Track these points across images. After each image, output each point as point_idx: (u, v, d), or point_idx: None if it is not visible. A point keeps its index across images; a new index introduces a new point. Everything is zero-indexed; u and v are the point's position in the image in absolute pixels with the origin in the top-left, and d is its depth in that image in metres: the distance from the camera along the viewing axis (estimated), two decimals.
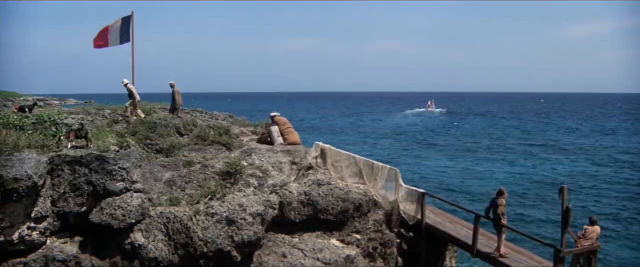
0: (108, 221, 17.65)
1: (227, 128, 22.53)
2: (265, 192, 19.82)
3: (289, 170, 21.23)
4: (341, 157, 21.71)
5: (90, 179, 17.89)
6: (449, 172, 50.99)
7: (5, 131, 19.64)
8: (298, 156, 21.81)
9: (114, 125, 22.34)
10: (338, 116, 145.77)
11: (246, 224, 18.52)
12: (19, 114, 22.01)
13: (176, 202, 18.81)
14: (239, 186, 19.73)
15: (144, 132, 20.93)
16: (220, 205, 18.82)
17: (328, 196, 20.40)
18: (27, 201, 17.16)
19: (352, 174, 21.63)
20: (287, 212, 19.96)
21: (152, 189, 19.07)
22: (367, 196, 21.07)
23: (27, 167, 16.99)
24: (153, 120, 21.68)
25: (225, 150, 21.72)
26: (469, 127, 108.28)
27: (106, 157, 18.08)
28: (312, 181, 20.78)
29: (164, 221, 18.15)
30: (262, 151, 21.65)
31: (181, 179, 19.72)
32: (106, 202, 17.88)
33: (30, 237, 17.34)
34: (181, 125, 21.85)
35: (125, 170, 18.28)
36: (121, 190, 18.10)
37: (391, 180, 21.64)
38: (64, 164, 17.93)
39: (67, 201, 17.84)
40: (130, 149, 19.07)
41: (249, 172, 20.16)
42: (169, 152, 20.59)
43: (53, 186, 17.88)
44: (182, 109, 25.05)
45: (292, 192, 20.25)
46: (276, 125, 23.02)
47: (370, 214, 21.05)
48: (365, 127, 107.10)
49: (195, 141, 21.95)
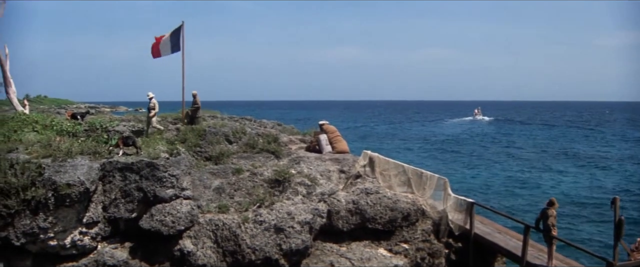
0: (158, 228, 17.30)
1: (275, 136, 22.04)
2: (314, 201, 19.21)
3: (338, 178, 20.63)
4: (390, 165, 21.08)
5: (141, 186, 17.58)
6: (497, 181, 49.12)
7: (59, 138, 19.58)
8: (346, 165, 21.16)
9: (163, 132, 22.14)
10: (385, 124, 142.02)
11: (294, 233, 17.97)
12: (71, 121, 21.99)
13: (225, 209, 18.31)
14: (288, 194, 19.18)
15: (194, 140, 20.57)
16: (268, 213, 18.29)
17: (376, 204, 19.72)
18: (79, 207, 16.96)
19: (400, 183, 20.98)
20: (335, 221, 19.33)
21: (201, 196, 18.62)
22: (416, 205, 20.34)
23: (80, 173, 16.81)
24: (203, 128, 21.36)
25: (274, 158, 21.17)
26: (517, 135, 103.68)
27: (156, 164, 17.74)
28: (360, 190, 20.11)
29: (212, 228, 17.70)
30: (311, 159, 21.08)
31: (230, 186, 19.23)
32: (156, 209, 17.57)
33: (82, 242, 17.16)
34: (230, 133, 21.41)
35: (175, 177, 17.93)
36: (171, 197, 17.75)
37: (440, 189, 20.89)
38: (115, 170, 17.65)
39: (118, 207, 17.57)
40: (180, 156, 18.66)
41: (297, 181, 19.57)
42: (218, 160, 20.11)
43: (104, 192, 17.62)
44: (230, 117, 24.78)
45: (341, 200, 19.62)
46: (325, 134, 22.48)
47: (419, 223, 20.28)
48: (412, 135, 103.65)
49: (244, 148, 21.44)
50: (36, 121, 21.69)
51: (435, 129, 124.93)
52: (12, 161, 16.81)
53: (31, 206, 16.31)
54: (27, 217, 16.31)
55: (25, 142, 18.46)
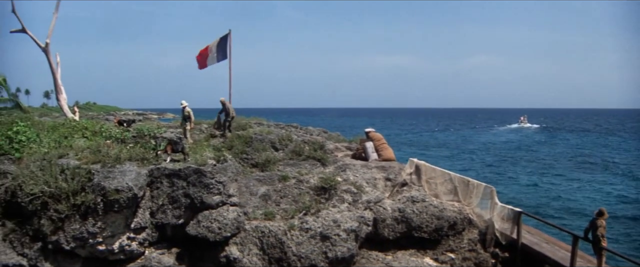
0: (204, 234, 17.06)
1: (322, 143, 21.67)
2: (360, 209, 18.76)
3: (384, 186, 20.16)
4: (436, 174, 20.56)
5: (188, 192, 17.38)
6: (544, 190, 47.27)
7: (109, 143, 19.59)
8: (392, 172, 20.65)
9: (210, 139, 22.02)
10: (431, 132, 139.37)
11: (340, 240, 17.53)
12: (120, 128, 22.02)
13: (271, 216, 17.97)
14: (334, 201, 18.75)
15: (241, 147, 20.33)
16: (314, 220, 17.89)
17: (422, 213, 19.19)
18: (128, 212, 16.86)
19: (446, 192, 20.43)
20: (381, 229, 18.84)
21: (247, 203, 18.30)
22: (462, 214, 19.75)
23: (128, 179, 16.72)
24: (249, 135, 21.12)
25: (320, 165, 20.76)
26: (565, 143, 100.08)
27: (204, 171, 17.52)
28: (406, 198, 19.61)
29: (258, 235, 17.36)
30: (357, 167, 20.64)
31: (276, 193, 18.90)
32: (203, 215, 17.35)
33: (129, 247, 17.04)
34: (277, 140, 21.12)
35: (222, 184, 17.68)
36: (218, 203, 17.51)
37: (486, 198, 20.26)
38: (163, 176, 17.49)
39: (165, 213, 17.40)
40: (227, 163, 18.42)
41: (343, 188, 19.14)
42: (265, 167, 19.80)
43: (152, 198, 17.47)
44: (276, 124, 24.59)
45: (387, 208, 19.15)
46: (371, 141, 22.07)
47: (465, 232, 19.68)
48: (458, 143, 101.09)
49: (291, 155, 21.10)
50: (86, 128, 21.74)
51: (480, 136, 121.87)
52: (63, 166, 16.85)
53: (81, 211, 16.33)
54: (76, 222, 16.33)
55: (75, 148, 18.47)
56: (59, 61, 30.15)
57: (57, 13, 30.39)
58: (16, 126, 19.90)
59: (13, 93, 30.85)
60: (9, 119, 21.95)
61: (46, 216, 16.22)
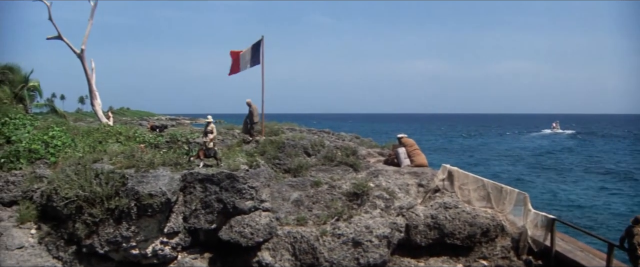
0: (237, 239, 16.80)
1: (354, 149, 21.28)
2: (392, 215, 18.37)
3: (416, 192, 19.72)
4: (469, 180, 20.10)
5: (221, 197, 17.13)
6: (579, 197, 45.60)
7: (143, 147, 19.50)
8: (425, 178, 20.17)
9: (243, 144, 21.81)
10: (462, 138, 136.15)
11: (372, 247, 17.16)
12: (153, 133, 21.96)
13: (303, 222, 17.62)
14: (366, 207, 18.37)
15: (273, 152, 20.05)
16: (346, 226, 17.53)
17: (455, 219, 18.69)
18: (161, 217, 16.69)
19: (479, 198, 19.96)
20: (413, 236, 18.40)
21: (280, 208, 17.97)
22: (495, 220, 19.23)
23: (162, 184, 16.55)
24: (281, 140, 20.84)
25: (352, 171, 20.31)
26: (599, 149, 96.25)
27: (236, 176, 17.26)
28: (438, 204, 19.14)
29: (291, 240, 17.05)
30: (389, 173, 20.21)
31: (308, 199, 18.54)
32: (235, 220, 17.09)
33: (162, 252, 16.85)
34: (309, 146, 20.79)
35: (254, 189, 17.40)
36: (250, 208, 17.23)
37: (520, 204, 19.73)
38: (196, 181, 17.27)
39: (198, 217, 17.20)
40: (259, 168, 18.14)
41: (375, 194, 18.73)
42: (297, 172, 19.47)
43: (185, 203, 17.27)
44: (309, 129, 24.36)
45: (419, 215, 18.72)
46: (403, 147, 21.63)
47: (498, 239, 19.15)
48: (489, 149, 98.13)
49: (323, 161, 20.71)
50: (120, 133, 21.69)
51: (513, 142, 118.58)
52: (97, 170, 16.77)
53: (115, 215, 16.24)
54: (110, 226, 16.25)
55: (109, 153, 18.38)
56: (93, 67, 30.27)
57: (92, 20, 30.53)
58: (52, 131, 19.93)
59: (49, 98, 31.05)
60: (44, 123, 21.98)
61: (81, 219, 16.16)
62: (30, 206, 17.03)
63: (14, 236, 16.36)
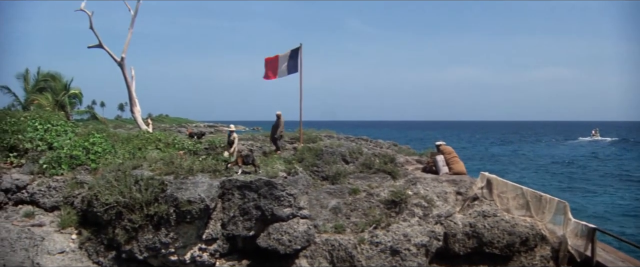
0: (275, 246, 16.40)
1: (392, 156, 20.69)
2: (430, 223, 17.78)
3: (454, 200, 19.12)
4: (508, 188, 19.43)
5: (259, 204, 16.75)
6: (620, 206, 43.51)
7: (183, 153, 19.28)
8: (463, 186, 19.52)
9: (281, 151, 21.46)
10: (500, 145, 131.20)
11: (410, 255, 16.63)
12: (192, 140, 21.74)
13: (341, 229, 17.13)
14: (404, 215, 17.83)
15: (311, 159, 19.62)
16: (384, 234, 17.01)
17: (494, 228, 18.04)
18: (199, 223, 16.41)
19: (518, 206, 19.26)
20: (452, 244, 17.80)
21: (318, 215, 17.51)
22: (534, 229, 18.52)
23: (200, 191, 16.28)
24: (319, 147, 20.39)
25: (391, 178, 19.68)
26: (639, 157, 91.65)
27: (275, 183, 16.87)
28: (477, 212, 18.50)
29: (328, 248, 16.58)
30: (427, 180, 19.61)
31: (346, 206, 18.04)
32: (273, 228, 16.69)
33: (201, 258, 16.56)
34: (347, 153, 20.29)
35: (292, 196, 17.00)
36: (288, 216, 16.81)
37: (559, 213, 19.01)
38: (234, 188, 16.94)
39: (236, 224, 16.85)
40: (298, 175, 17.73)
41: (414, 202, 18.17)
42: (335, 180, 18.95)
43: (223, 210, 16.96)
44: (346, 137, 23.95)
45: (457, 223, 18.11)
46: (442, 155, 21.02)
47: (537, 249, 18.45)
48: (528, 156, 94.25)
49: (361, 168, 20.09)
50: (159, 139, 21.51)
51: (552, 150, 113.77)
52: (137, 177, 16.57)
53: (154, 221, 16.04)
54: (149, 232, 16.05)
55: (149, 160, 18.16)
56: (133, 74, 30.27)
57: (132, 28, 30.55)
58: (92, 137, 19.81)
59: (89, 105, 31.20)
60: (85, 130, 21.90)
61: (120, 225, 15.99)
62: (71, 211, 16.91)
63: (55, 240, 16.25)
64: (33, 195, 17.46)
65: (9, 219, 16.79)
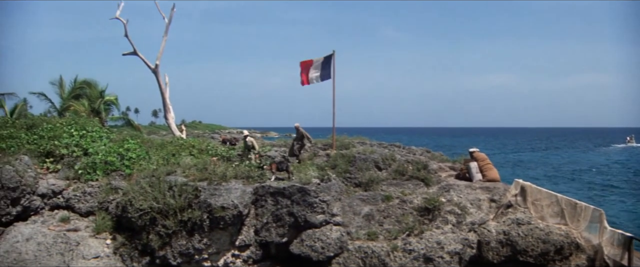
0: (308, 253, 16.11)
1: (425, 163, 20.24)
2: (464, 230, 17.29)
3: (488, 208, 18.57)
4: (542, 195, 18.86)
5: (292, 211, 16.45)
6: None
7: (216, 159, 19.09)
8: (497, 193, 18.96)
9: (314, 158, 21.13)
10: (533, 152, 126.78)
11: (443, 263, 16.17)
12: (225, 146, 21.55)
13: (374, 236, 16.74)
14: (437, 222, 17.36)
15: (344, 166, 19.25)
16: (418, 242, 16.60)
17: (528, 236, 17.48)
18: (233, 230, 16.21)
19: (553, 214, 18.68)
20: (485, 252, 17.26)
21: (350, 222, 17.14)
22: (569, 238, 17.94)
23: (234, 197, 16.07)
24: (352, 154, 20.02)
25: (424, 185, 19.17)
26: None
27: (308, 189, 16.56)
28: (511, 220, 17.95)
29: (361, 255, 16.21)
30: (461, 187, 19.10)
31: (379, 213, 17.62)
32: (306, 234, 16.40)
33: (234, 265, 16.41)
34: (380, 160, 19.88)
35: (325, 203, 16.66)
36: (321, 222, 16.51)
37: (595, 221, 18.40)
38: (267, 195, 16.67)
39: (269, 231, 16.57)
40: (331, 182, 17.40)
41: (447, 209, 17.70)
42: (368, 186, 18.50)
43: (256, 216, 16.70)
44: (379, 143, 23.58)
45: (491, 231, 17.57)
46: (475, 161, 20.52)
47: (572, 257, 17.82)
48: (561, 163, 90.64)
49: (394, 175, 19.57)
50: (193, 146, 21.34)
51: (585, 156, 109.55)
52: (171, 183, 16.39)
53: (187, 227, 15.86)
54: (183, 238, 15.88)
55: (182, 166, 17.97)
56: (167, 81, 30.26)
57: (166, 36, 30.56)
58: (127, 144, 19.70)
59: (123, 112, 31.24)
60: (120, 136, 21.81)
61: (154, 231, 15.83)
62: (105, 217, 16.79)
63: (90, 245, 16.13)
64: (69, 200, 17.37)
65: (45, 223, 16.71)
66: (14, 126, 21.52)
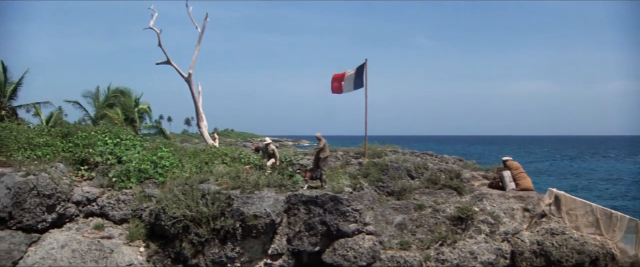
0: (340, 263, 15.69)
1: (458, 172, 19.76)
2: (497, 240, 16.75)
3: (521, 217, 17.98)
4: (576, 205, 18.24)
5: (324, 219, 16.06)
6: None
7: (249, 167, 18.82)
8: (531, 203, 18.35)
9: (346, 166, 20.75)
10: (567, 160, 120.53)
11: None
12: (257, 154, 21.25)
13: (407, 246, 16.30)
14: (470, 232, 16.83)
15: (376, 175, 18.84)
16: (450, 251, 16.12)
17: (562, 246, 16.88)
18: (265, 238, 15.88)
19: (588, 224, 18.05)
20: (519, 262, 16.63)
21: (383, 231, 16.69)
22: (605, 248, 17.27)
23: (266, 205, 15.75)
24: (385, 162, 19.62)
25: (456, 194, 18.67)
26: None
27: (340, 198, 16.16)
28: (545, 230, 17.35)
29: (394, 265, 15.76)
30: (494, 197, 18.55)
31: (412, 222, 17.16)
32: (339, 243, 16.00)
33: None
34: (412, 168, 19.47)
35: (358, 212, 16.24)
36: (354, 231, 16.08)
37: (631, 232, 17.72)
38: (300, 203, 16.31)
39: (301, 239, 16.20)
40: (363, 191, 17.01)
41: (480, 218, 17.16)
42: (400, 195, 18.07)
43: (289, 225, 16.35)
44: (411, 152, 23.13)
45: (525, 241, 17.00)
46: (508, 170, 20.03)
47: None
48: (595, 171, 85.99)
49: (426, 184, 19.09)
50: (225, 154, 21.07)
51: (620, 164, 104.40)
52: (204, 191, 16.14)
53: (220, 235, 15.58)
54: (216, 246, 15.60)
55: (215, 174, 17.69)
56: (200, 90, 30.10)
57: (199, 45, 30.43)
58: (160, 152, 19.50)
59: (156, 120, 31.18)
60: (153, 144, 21.64)
61: (187, 239, 15.55)
62: (139, 224, 16.56)
63: (124, 253, 15.91)
64: (103, 208, 17.18)
65: (80, 231, 16.56)
66: (49, 134, 21.49)
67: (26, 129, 23.42)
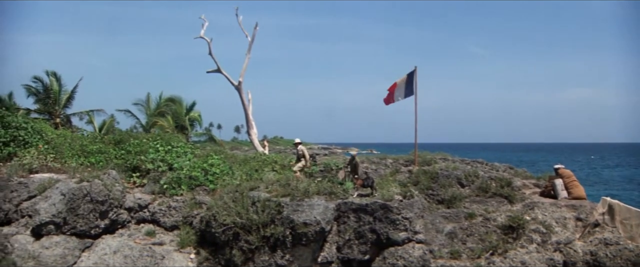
0: None
1: (509, 180, 19.05)
2: (549, 250, 15.95)
3: (574, 227, 17.15)
4: (631, 214, 17.28)
5: (374, 228, 15.49)
6: None
7: (298, 176, 18.47)
8: (583, 212, 17.46)
9: (396, 174, 20.18)
10: (621, 168, 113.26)
11: None
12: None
13: (457, 255, 15.63)
14: (521, 241, 16.05)
15: (426, 182, 18.25)
16: (501, 261, 15.36)
17: (616, 257, 15.98)
18: (315, 246, 15.36)
19: None
20: None
21: (433, 240, 16.07)
22: None
23: (316, 213, 15.25)
24: (435, 170, 19.01)
25: (507, 203, 17.87)
26: None
27: (390, 206, 15.60)
28: (598, 240, 16.53)
29: None
30: (545, 205, 17.73)
31: (462, 231, 16.47)
32: (389, 252, 15.39)
33: None
34: (463, 176, 18.80)
35: (408, 220, 15.63)
36: (404, 240, 15.46)
37: None
38: (349, 211, 15.78)
39: (351, 248, 15.66)
40: (413, 199, 16.41)
41: (531, 228, 16.35)
42: (451, 203, 17.40)
43: (339, 233, 15.82)
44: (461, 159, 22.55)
45: (577, 251, 16.18)
46: (560, 178, 19.25)
47: None
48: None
49: (477, 192, 18.40)
50: (275, 161, 20.76)
51: None
52: (254, 198, 15.76)
53: (270, 243, 15.12)
54: (266, 254, 15.14)
55: (265, 181, 17.33)
56: (250, 98, 30.03)
57: (249, 54, 30.37)
58: (211, 159, 19.26)
59: (206, 127, 31.16)
60: (204, 152, 21.45)
61: (237, 246, 15.17)
62: (190, 231, 16.31)
63: (174, 259, 15.65)
64: (154, 214, 17.00)
65: (132, 237, 16.40)
66: (102, 142, 21.49)
67: (80, 137, 23.53)
